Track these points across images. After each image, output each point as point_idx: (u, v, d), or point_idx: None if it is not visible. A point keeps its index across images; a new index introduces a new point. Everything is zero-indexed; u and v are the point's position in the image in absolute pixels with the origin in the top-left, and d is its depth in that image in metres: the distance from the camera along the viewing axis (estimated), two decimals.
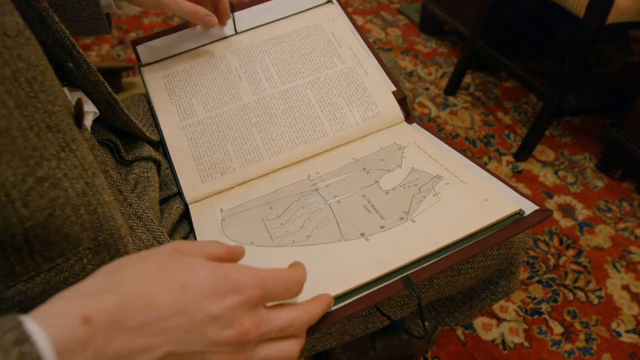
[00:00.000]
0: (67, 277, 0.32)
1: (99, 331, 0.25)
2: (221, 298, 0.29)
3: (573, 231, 1.21)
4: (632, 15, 1.17)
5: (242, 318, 0.30)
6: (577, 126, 1.51)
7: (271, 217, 0.52)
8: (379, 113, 0.62)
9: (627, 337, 1.01)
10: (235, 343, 0.30)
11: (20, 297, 0.30)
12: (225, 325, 0.29)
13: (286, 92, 0.63)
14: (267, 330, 0.31)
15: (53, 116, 0.32)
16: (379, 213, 0.49)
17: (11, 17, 0.31)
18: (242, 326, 0.30)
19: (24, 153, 0.29)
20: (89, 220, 0.33)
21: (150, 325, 0.27)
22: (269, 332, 0.32)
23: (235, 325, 0.29)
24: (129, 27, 1.91)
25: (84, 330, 0.25)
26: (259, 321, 0.31)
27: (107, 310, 0.26)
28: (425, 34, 1.88)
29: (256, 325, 0.30)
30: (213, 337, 0.29)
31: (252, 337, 0.30)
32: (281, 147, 0.60)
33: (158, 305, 0.28)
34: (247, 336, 0.30)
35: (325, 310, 0.38)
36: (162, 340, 0.27)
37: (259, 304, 0.31)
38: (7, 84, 0.29)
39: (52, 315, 0.25)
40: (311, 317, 0.35)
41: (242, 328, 0.30)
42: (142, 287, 0.28)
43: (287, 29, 0.69)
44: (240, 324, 0.30)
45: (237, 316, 0.30)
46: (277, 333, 0.32)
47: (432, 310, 0.69)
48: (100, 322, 0.26)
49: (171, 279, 0.29)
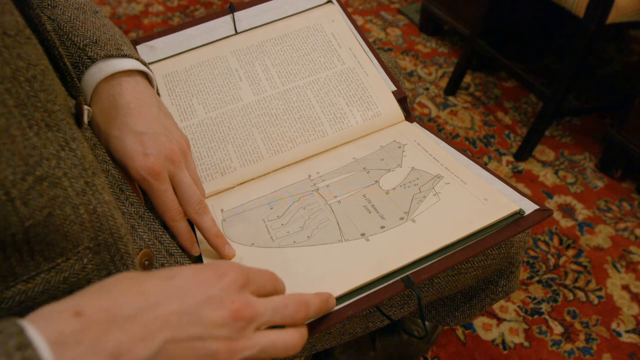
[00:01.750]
0: (68, 277, 0.32)
1: (92, 322, 0.25)
2: (208, 282, 0.30)
3: (573, 231, 1.21)
4: (632, 15, 1.17)
5: (232, 296, 0.31)
6: (577, 126, 1.51)
7: (272, 217, 0.52)
8: (379, 113, 0.62)
9: (627, 337, 1.01)
10: (231, 322, 0.30)
11: (21, 297, 0.30)
12: (217, 305, 0.30)
13: (286, 93, 0.63)
14: (260, 312, 0.31)
15: (53, 115, 0.32)
16: (379, 213, 0.49)
17: (11, 17, 0.31)
18: (233, 304, 0.30)
19: (24, 152, 0.29)
20: (88, 219, 0.33)
21: (144, 312, 0.27)
22: (263, 314, 0.32)
23: (227, 304, 0.30)
24: (129, 27, 1.91)
25: (76, 322, 0.25)
26: (249, 300, 0.31)
27: (99, 303, 0.26)
28: (425, 34, 1.88)
29: (247, 303, 0.31)
30: (208, 318, 0.29)
31: (246, 315, 0.30)
32: (281, 147, 0.60)
33: (148, 293, 0.28)
34: (240, 313, 0.30)
35: (327, 308, 0.38)
36: (158, 326, 0.27)
37: (245, 287, 0.32)
38: (6, 82, 0.29)
39: (44, 315, 0.25)
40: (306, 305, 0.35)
41: (233, 306, 0.30)
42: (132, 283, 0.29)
43: (287, 29, 0.69)
44: (231, 302, 0.30)
45: (226, 295, 0.30)
46: (272, 315, 0.32)
47: (432, 310, 0.69)
48: (92, 314, 0.26)
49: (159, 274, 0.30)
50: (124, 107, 0.45)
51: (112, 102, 0.46)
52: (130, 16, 1.97)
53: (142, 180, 0.44)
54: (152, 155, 0.44)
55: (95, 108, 0.46)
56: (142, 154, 0.44)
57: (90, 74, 0.46)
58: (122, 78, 0.47)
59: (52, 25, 0.48)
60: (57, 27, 0.48)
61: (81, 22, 0.48)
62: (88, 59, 0.46)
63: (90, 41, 0.47)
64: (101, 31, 0.49)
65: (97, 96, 0.46)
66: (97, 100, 0.46)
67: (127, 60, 0.48)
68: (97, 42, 0.47)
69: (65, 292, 0.32)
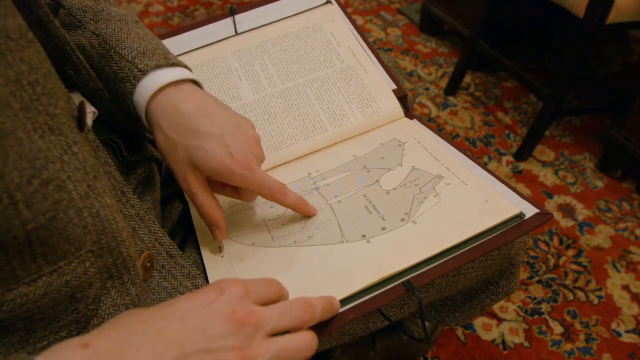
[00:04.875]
0: (70, 280, 0.32)
1: (99, 351, 0.26)
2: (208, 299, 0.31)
3: (573, 231, 1.21)
4: (632, 15, 1.17)
5: (233, 307, 0.31)
6: (577, 126, 1.51)
7: (272, 216, 0.52)
8: (379, 109, 0.62)
9: (627, 337, 1.01)
10: (237, 331, 0.30)
11: (22, 300, 0.30)
12: (220, 318, 0.30)
13: (286, 91, 0.63)
14: (265, 317, 0.32)
15: (55, 119, 0.32)
16: (380, 214, 0.49)
17: (14, 20, 0.31)
18: (235, 313, 0.31)
19: (30, 155, 0.29)
20: (91, 223, 0.33)
21: (150, 337, 0.28)
22: (268, 319, 0.32)
23: (228, 314, 0.31)
24: None
25: (83, 353, 0.26)
26: (251, 308, 0.32)
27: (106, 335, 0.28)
28: (425, 34, 1.88)
29: (249, 311, 0.31)
30: (213, 331, 0.30)
31: (250, 322, 0.31)
32: (280, 144, 0.60)
33: (151, 319, 0.29)
34: (243, 321, 0.30)
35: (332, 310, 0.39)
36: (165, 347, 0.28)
37: (246, 297, 0.32)
38: (11, 85, 0.29)
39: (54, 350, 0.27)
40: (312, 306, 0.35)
41: (235, 315, 0.31)
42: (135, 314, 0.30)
43: (287, 29, 0.69)
44: (233, 312, 0.31)
45: (227, 307, 0.31)
46: (278, 320, 0.33)
47: (432, 310, 0.69)
48: (100, 344, 0.27)
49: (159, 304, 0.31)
50: (192, 114, 0.45)
51: (177, 112, 0.45)
52: None
53: (240, 176, 0.45)
54: (239, 153, 0.45)
55: (162, 121, 0.46)
56: (229, 155, 0.44)
57: (143, 86, 0.46)
58: (179, 86, 0.47)
59: (97, 40, 0.47)
60: (102, 42, 0.47)
61: (125, 34, 0.48)
62: (139, 71, 0.46)
63: (138, 52, 0.47)
64: (146, 41, 0.49)
65: (158, 107, 0.46)
66: (161, 112, 0.46)
67: (177, 68, 0.48)
68: (144, 52, 0.47)
69: (67, 295, 0.32)
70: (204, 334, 0.29)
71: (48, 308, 0.32)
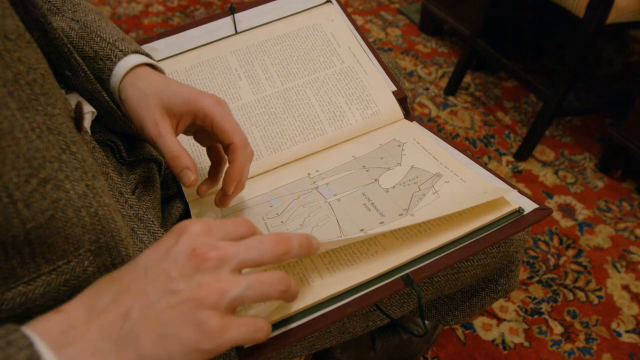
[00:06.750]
0: (69, 279, 0.32)
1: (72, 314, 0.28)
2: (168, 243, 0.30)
3: (573, 231, 1.21)
4: (632, 15, 1.17)
5: (193, 245, 0.30)
6: (577, 126, 1.51)
7: (271, 215, 0.52)
8: (378, 111, 0.62)
9: (627, 337, 1.01)
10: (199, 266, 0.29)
11: (21, 299, 0.30)
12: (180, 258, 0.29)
13: (285, 92, 0.63)
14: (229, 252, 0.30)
15: (53, 119, 0.32)
16: (378, 211, 0.49)
17: (12, 20, 0.31)
18: (195, 250, 0.30)
19: (28, 154, 0.29)
20: (90, 222, 0.33)
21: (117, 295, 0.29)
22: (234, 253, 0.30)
23: (188, 253, 0.30)
24: (129, 27, 1.91)
25: (57, 317, 0.27)
26: (213, 243, 0.30)
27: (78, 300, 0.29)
28: (425, 34, 1.88)
29: (210, 245, 0.30)
30: (175, 271, 0.29)
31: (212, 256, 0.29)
32: (280, 145, 0.60)
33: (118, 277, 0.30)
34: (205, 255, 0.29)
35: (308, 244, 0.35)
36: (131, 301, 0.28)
37: (206, 234, 0.31)
38: (8, 86, 0.29)
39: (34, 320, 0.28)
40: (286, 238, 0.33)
41: (195, 252, 0.30)
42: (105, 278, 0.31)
43: (287, 29, 0.69)
44: (192, 250, 0.30)
45: (188, 246, 0.30)
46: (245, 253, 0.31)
47: (432, 309, 0.69)
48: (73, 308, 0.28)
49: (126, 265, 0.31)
50: (166, 77, 0.50)
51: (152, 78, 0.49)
52: (130, 16, 1.97)
53: (215, 106, 0.47)
54: (211, 94, 0.48)
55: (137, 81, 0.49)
56: (203, 93, 0.47)
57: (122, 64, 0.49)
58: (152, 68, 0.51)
59: (77, 25, 0.50)
60: (83, 26, 0.50)
61: (105, 23, 0.52)
62: (120, 51, 0.49)
63: (117, 38, 0.50)
64: (122, 33, 0.53)
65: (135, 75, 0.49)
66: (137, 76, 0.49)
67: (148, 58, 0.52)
68: (124, 39, 0.51)
69: (66, 294, 0.32)
70: (167, 278, 0.29)
71: (47, 307, 0.32)
